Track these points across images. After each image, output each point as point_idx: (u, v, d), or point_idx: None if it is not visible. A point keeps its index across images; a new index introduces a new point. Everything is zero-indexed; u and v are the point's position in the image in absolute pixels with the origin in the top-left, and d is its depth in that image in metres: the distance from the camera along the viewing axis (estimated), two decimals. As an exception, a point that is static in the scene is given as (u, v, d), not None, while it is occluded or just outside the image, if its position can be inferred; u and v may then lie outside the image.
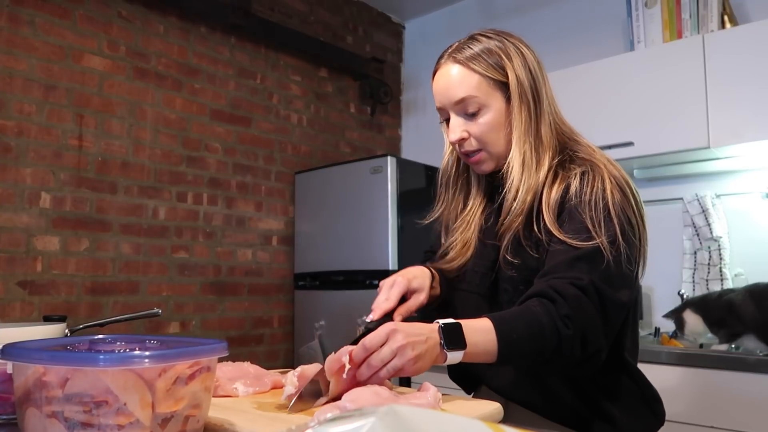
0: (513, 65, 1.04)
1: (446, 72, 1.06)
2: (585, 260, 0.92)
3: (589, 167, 1.01)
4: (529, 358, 0.90)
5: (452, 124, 1.07)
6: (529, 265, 1.01)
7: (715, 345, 1.88)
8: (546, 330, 0.87)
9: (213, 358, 0.66)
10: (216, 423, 0.72)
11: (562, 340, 0.87)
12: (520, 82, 1.04)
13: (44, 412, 0.58)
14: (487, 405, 0.84)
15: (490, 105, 1.04)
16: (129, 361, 0.58)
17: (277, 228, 3.00)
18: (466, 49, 1.06)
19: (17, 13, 2.17)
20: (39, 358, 0.59)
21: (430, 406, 0.77)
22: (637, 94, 2.24)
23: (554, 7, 2.97)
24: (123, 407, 0.57)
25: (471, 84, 1.03)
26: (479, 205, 1.15)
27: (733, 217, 2.33)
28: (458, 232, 1.15)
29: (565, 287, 0.90)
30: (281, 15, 3.06)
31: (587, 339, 0.89)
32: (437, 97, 1.08)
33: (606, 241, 0.93)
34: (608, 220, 0.95)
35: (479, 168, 1.10)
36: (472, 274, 1.12)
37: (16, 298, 2.11)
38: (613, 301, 0.92)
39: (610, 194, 0.97)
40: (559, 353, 0.88)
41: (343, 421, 0.34)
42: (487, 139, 1.05)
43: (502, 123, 1.05)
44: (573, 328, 0.88)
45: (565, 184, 1.01)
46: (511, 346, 0.87)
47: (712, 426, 1.74)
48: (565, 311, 0.88)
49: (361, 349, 0.82)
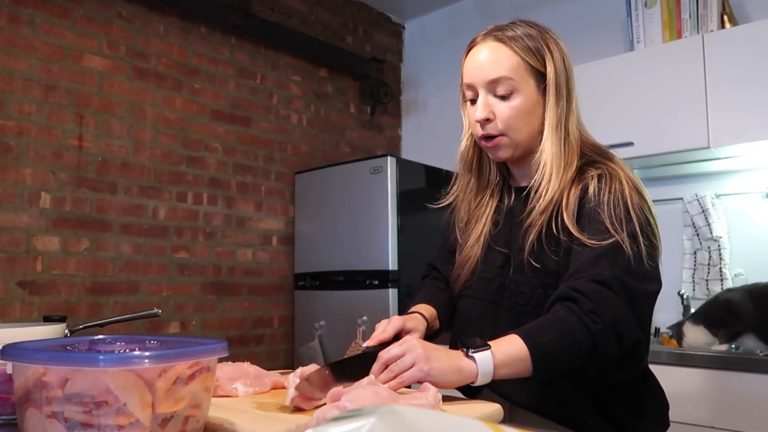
0: (553, 57, 1.03)
1: (484, 49, 1.04)
2: (606, 256, 0.92)
3: (606, 170, 1.01)
4: (567, 361, 0.88)
5: (481, 102, 1.03)
6: (549, 269, 1.00)
7: (715, 345, 1.88)
8: (575, 329, 0.86)
9: (213, 358, 0.66)
10: (216, 423, 0.72)
11: (594, 335, 0.86)
12: (558, 74, 1.03)
13: (44, 413, 0.58)
14: (487, 405, 0.84)
15: (522, 90, 1.02)
16: (129, 361, 0.58)
17: (277, 228, 3.00)
18: (508, 30, 1.05)
19: (17, 13, 2.17)
20: (39, 359, 0.59)
21: (430, 407, 0.77)
22: (637, 94, 2.24)
23: (554, 7, 2.97)
24: (123, 407, 0.57)
25: (510, 65, 1.01)
26: (490, 202, 1.14)
27: (733, 217, 2.33)
28: (469, 226, 1.14)
29: (585, 285, 0.89)
30: (281, 15, 3.06)
31: (621, 330, 0.87)
32: (469, 72, 1.05)
33: (626, 237, 0.92)
34: (628, 218, 0.94)
35: (495, 153, 1.07)
36: (479, 280, 1.11)
37: (16, 298, 2.11)
38: (640, 291, 0.91)
39: (628, 195, 0.97)
40: (597, 351, 0.86)
41: (343, 421, 0.34)
42: (513, 124, 1.03)
43: (530, 111, 1.03)
44: (602, 321, 0.86)
45: (582, 185, 1.00)
46: (544, 352, 0.85)
47: (712, 426, 1.74)
48: (588, 307, 0.87)
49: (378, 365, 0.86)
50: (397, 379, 0.83)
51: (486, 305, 1.09)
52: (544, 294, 1.00)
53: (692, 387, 1.79)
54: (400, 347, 0.85)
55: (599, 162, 1.03)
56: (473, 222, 1.13)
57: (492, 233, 1.11)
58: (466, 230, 1.14)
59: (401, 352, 0.85)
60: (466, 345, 0.86)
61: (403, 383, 0.83)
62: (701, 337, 1.90)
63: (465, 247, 1.13)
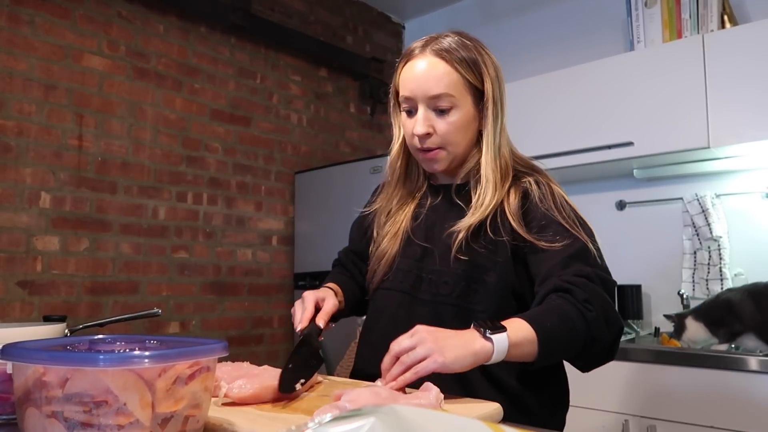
0: (489, 73, 1.07)
1: (425, 63, 1.05)
2: (576, 257, 0.98)
3: (539, 178, 1.08)
4: (567, 346, 0.92)
5: (420, 116, 1.05)
6: (477, 262, 1.04)
7: (715, 345, 1.88)
8: (574, 316, 0.90)
9: (213, 358, 0.66)
10: (216, 423, 0.72)
11: (589, 323, 0.91)
12: (494, 91, 1.07)
13: (44, 412, 0.58)
14: (487, 405, 0.84)
15: (461, 106, 1.05)
16: (129, 361, 0.58)
17: (277, 228, 3.00)
18: (444, 42, 1.06)
19: (17, 13, 2.17)
20: (39, 358, 0.59)
21: (431, 406, 0.77)
22: (637, 94, 2.24)
23: (554, 7, 2.97)
24: (123, 407, 0.57)
25: (450, 81, 1.04)
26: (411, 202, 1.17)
27: (733, 217, 2.32)
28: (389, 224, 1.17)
29: (573, 279, 0.94)
30: (281, 15, 3.06)
31: (610, 318, 0.94)
32: (408, 85, 1.06)
33: (587, 237, 1.01)
34: (579, 220, 1.04)
35: (431, 165, 1.10)
36: (396, 272, 1.13)
37: (16, 298, 2.11)
38: (611, 284, 0.99)
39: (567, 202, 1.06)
40: (592, 337, 0.91)
41: (343, 421, 0.34)
42: (452, 138, 1.06)
43: (468, 126, 1.07)
44: (595, 310, 0.91)
45: (522, 190, 1.06)
46: (549, 336, 0.88)
47: (712, 426, 1.74)
48: (583, 297, 0.92)
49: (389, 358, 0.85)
50: (411, 371, 0.81)
51: (402, 296, 1.11)
52: (467, 286, 1.04)
53: (692, 387, 1.79)
54: (411, 339, 0.84)
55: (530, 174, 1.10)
56: (390, 221, 1.17)
57: (412, 227, 1.14)
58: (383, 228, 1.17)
59: (412, 344, 0.83)
60: (480, 326, 0.86)
61: (418, 375, 0.81)
62: (701, 333, 1.90)
63: (381, 242, 1.16)
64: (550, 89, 2.47)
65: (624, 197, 2.61)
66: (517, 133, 2.63)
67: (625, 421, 1.88)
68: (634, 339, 2.25)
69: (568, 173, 2.52)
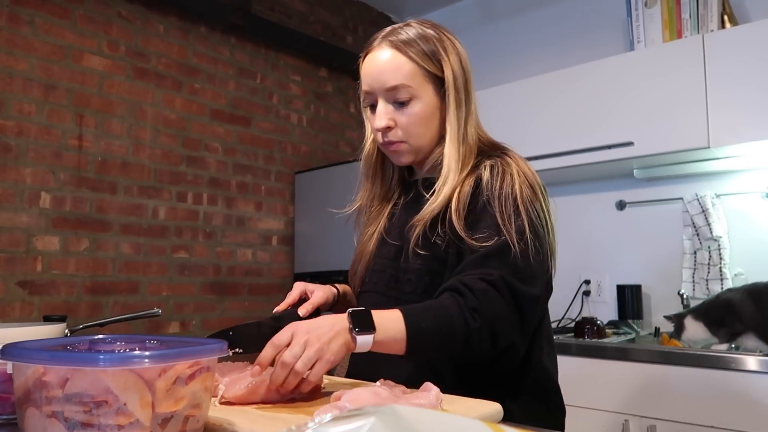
0: (450, 60, 1.04)
1: (380, 55, 1.03)
2: (494, 256, 0.93)
3: (498, 162, 1.02)
4: (439, 349, 0.89)
5: (379, 110, 1.04)
6: (437, 256, 1.01)
7: (715, 345, 1.88)
8: (454, 322, 0.87)
9: (213, 358, 0.66)
10: (216, 423, 0.72)
11: (470, 332, 0.88)
12: (456, 78, 1.03)
13: (44, 412, 0.58)
14: (488, 405, 0.84)
15: (421, 97, 1.03)
16: (129, 361, 0.58)
17: (277, 228, 3.00)
18: (402, 34, 1.04)
19: (17, 13, 2.17)
20: (39, 358, 0.59)
21: (431, 406, 0.77)
22: (637, 94, 2.24)
23: (554, 7, 2.97)
24: (123, 407, 0.57)
25: (406, 72, 1.01)
26: (389, 200, 1.16)
27: (733, 217, 2.33)
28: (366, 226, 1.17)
29: (474, 282, 0.90)
30: (281, 15, 3.06)
31: (497, 333, 0.90)
32: (366, 79, 1.05)
33: (514, 235, 0.94)
34: (516, 213, 0.96)
35: (397, 159, 1.09)
36: (372, 273, 1.13)
37: (16, 298, 2.11)
38: (524, 294, 0.92)
39: (519, 188, 0.98)
40: (469, 346, 0.88)
41: (343, 421, 0.34)
42: (414, 131, 1.04)
43: (430, 117, 1.04)
44: (480, 320, 0.88)
45: (476, 175, 1.02)
46: (420, 336, 0.86)
47: (712, 426, 1.74)
48: (472, 304, 0.88)
49: (270, 348, 0.80)
50: (293, 375, 0.78)
51: (377, 297, 1.10)
52: (430, 281, 1.01)
53: (692, 387, 1.79)
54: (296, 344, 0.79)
55: (494, 156, 1.04)
56: (371, 221, 1.16)
57: (386, 227, 1.13)
58: (364, 228, 1.18)
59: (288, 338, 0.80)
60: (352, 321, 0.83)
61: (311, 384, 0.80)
62: (701, 333, 1.90)
63: (360, 244, 1.16)
64: (550, 89, 2.48)
65: (624, 197, 2.62)
66: (517, 133, 2.64)
67: (625, 421, 1.88)
68: (634, 339, 2.25)
69: (568, 173, 2.52)
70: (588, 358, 2.01)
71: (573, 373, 2.01)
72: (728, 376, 1.74)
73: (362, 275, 1.15)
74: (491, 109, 2.65)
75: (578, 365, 2.02)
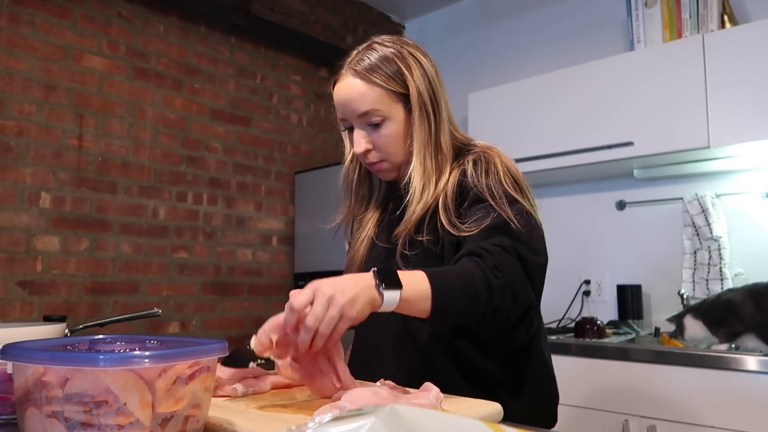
0: (413, 77, 1.06)
1: (347, 85, 1.07)
2: (497, 229, 0.97)
3: (481, 154, 1.07)
4: (464, 309, 0.89)
5: (356, 136, 1.08)
6: (426, 256, 1.04)
7: (715, 345, 1.88)
8: (477, 279, 0.89)
9: (213, 358, 0.66)
10: (216, 423, 0.72)
11: (492, 289, 0.89)
12: (420, 93, 1.06)
13: (44, 412, 0.58)
14: (488, 405, 0.84)
15: (392, 117, 1.07)
16: (129, 361, 0.58)
17: (277, 228, 3.00)
18: (365, 60, 1.07)
19: (17, 13, 2.17)
20: (39, 358, 0.59)
21: (432, 406, 0.77)
22: (637, 94, 2.24)
23: (554, 7, 2.97)
24: (123, 407, 0.57)
25: (373, 97, 1.05)
26: (377, 208, 1.20)
27: (733, 217, 2.33)
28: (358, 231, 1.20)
29: (488, 246, 0.94)
30: (281, 15, 3.06)
31: (516, 290, 0.92)
32: (339, 107, 1.09)
33: (510, 212, 0.98)
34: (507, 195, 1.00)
35: (384, 176, 1.14)
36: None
37: (16, 298, 2.11)
38: (531, 260, 0.96)
39: (504, 177, 1.02)
40: (493, 306, 0.89)
41: (343, 421, 0.34)
42: (390, 149, 1.08)
43: (403, 134, 1.08)
44: (502, 277, 0.90)
45: (461, 170, 1.06)
46: (446, 295, 0.87)
47: (712, 426, 1.74)
48: (492, 262, 0.91)
49: (290, 312, 0.77)
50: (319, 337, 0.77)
51: None
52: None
53: (692, 387, 1.79)
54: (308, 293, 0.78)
55: (475, 150, 1.09)
56: (360, 228, 1.20)
57: (376, 232, 1.17)
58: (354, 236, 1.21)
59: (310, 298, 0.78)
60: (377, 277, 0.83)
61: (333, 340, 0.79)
62: (701, 332, 1.91)
63: (352, 249, 1.19)
64: (550, 89, 2.48)
65: (624, 197, 2.62)
66: (517, 133, 2.64)
67: (625, 421, 1.88)
68: (634, 339, 2.25)
69: (568, 173, 2.52)
70: (588, 358, 2.01)
71: (573, 373, 2.01)
72: (728, 376, 1.74)
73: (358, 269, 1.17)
74: (491, 109, 2.65)
75: (578, 365, 2.02)
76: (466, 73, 3.16)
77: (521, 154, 2.42)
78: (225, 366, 0.88)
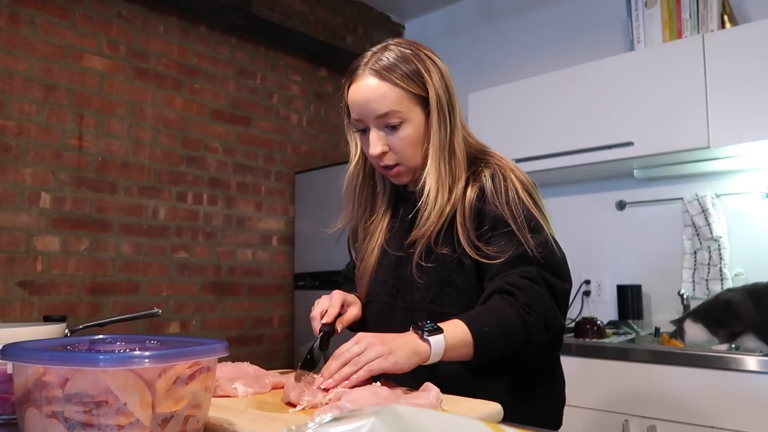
0: (432, 79, 1.05)
1: (365, 85, 1.04)
2: (522, 258, 0.99)
3: (497, 169, 1.07)
4: (503, 347, 0.95)
5: (372, 137, 1.06)
6: (444, 265, 1.05)
7: (715, 345, 1.88)
8: (513, 319, 0.93)
9: (213, 358, 0.66)
10: (216, 423, 0.72)
11: (528, 326, 0.94)
12: (439, 96, 1.05)
13: (44, 412, 0.58)
14: (488, 405, 0.84)
15: (410, 119, 1.05)
16: (129, 361, 0.58)
17: (277, 228, 3.00)
18: (383, 59, 1.05)
19: (17, 13, 2.17)
20: (39, 358, 0.59)
21: (431, 407, 0.77)
22: (637, 94, 2.24)
23: (554, 7, 2.97)
24: (123, 407, 0.57)
25: (393, 98, 1.03)
26: (384, 214, 1.18)
27: (733, 217, 2.33)
28: (365, 242, 1.18)
29: (517, 280, 0.97)
30: (281, 15, 3.06)
31: (549, 322, 0.97)
32: (355, 108, 1.06)
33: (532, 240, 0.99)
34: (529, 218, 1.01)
35: (397, 180, 1.12)
36: (375, 283, 1.15)
37: (16, 298, 2.11)
38: (559, 287, 1.00)
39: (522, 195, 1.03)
40: (528, 340, 0.95)
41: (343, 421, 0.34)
42: (408, 153, 1.06)
43: (420, 137, 1.07)
44: (534, 314, 0.94)
45: (478, 185, 1.05)
46: (485, 339, 0.92)
47: (712, 426, 1.74)
48: (524, 300, 0.94)
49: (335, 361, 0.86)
50: (364, 369, 0.84)
51: (381, 307, 1.14)
52: (439, 291, 1.06)
53: (692, 387, 1.79)
54: (358, 345, 0.86)
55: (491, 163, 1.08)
56: (369, 236, 1.18)
57: (387, 238, 1.15)
58: (363, 243, 1.19)
59: (361, 349, 0.86)
60: (419, 328, 0.90)
61: (372, 372, 0.84)
62: (701, 334, 1.91)
63: (363, 258, 1.17)
64: (550, 89, 2.48)
65: (624, 197, 2.62)
66: (517, 133, 2.64)
67: (625, 421, 1.88)
68: (634, 339, 2.25)
69: (568, 173, 2.52)
70: (588, 358, 2.01)
71: (573, 373, 2.01)
72: (728, 376, 1.74)
73: (367, 287, 1.17)
74: (491, 109, 2.65)
75: (578, 365, 2.02)
76: (466, 73, 3.16)
77: (521, 154, 2.42)
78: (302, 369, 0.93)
